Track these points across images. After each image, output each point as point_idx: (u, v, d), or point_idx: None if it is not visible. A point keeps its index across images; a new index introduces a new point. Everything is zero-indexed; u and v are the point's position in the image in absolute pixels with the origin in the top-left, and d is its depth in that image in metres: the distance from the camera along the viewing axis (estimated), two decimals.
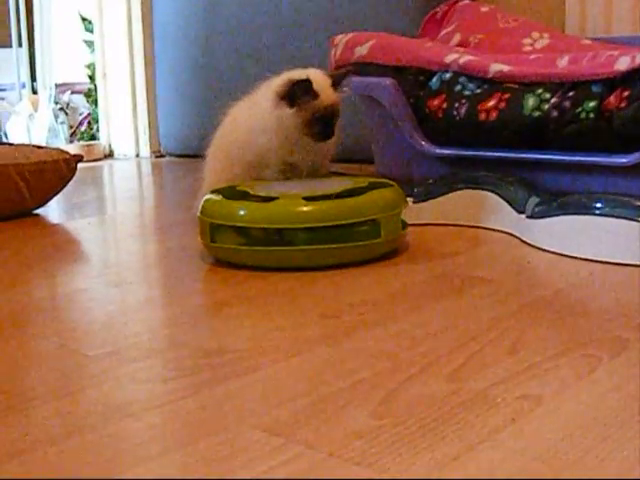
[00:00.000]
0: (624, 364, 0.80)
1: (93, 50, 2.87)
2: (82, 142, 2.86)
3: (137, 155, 2.74)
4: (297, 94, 1.29)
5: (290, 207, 1.21)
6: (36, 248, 1.45)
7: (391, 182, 1.30)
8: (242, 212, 1.21)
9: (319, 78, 1.32)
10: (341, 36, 1.73)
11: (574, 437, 0.64)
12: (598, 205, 1.19)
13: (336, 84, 1.33)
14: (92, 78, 2.92)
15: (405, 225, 1.29)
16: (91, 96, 2.93)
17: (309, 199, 1.20)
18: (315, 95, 1.29)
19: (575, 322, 0.94)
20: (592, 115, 1.38)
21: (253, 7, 2.42)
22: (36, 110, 2.92)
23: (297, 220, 1.20)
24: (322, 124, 1.30)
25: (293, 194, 1.23)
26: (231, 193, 1.27)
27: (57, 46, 3.11)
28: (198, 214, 1.26)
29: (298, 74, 1.32)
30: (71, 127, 2.91)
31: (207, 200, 1.26)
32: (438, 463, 0.61)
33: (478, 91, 1.53)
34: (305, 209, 1.20)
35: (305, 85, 1.29)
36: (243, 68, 2.45)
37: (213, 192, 1.29)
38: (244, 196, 1.26)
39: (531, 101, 1.45)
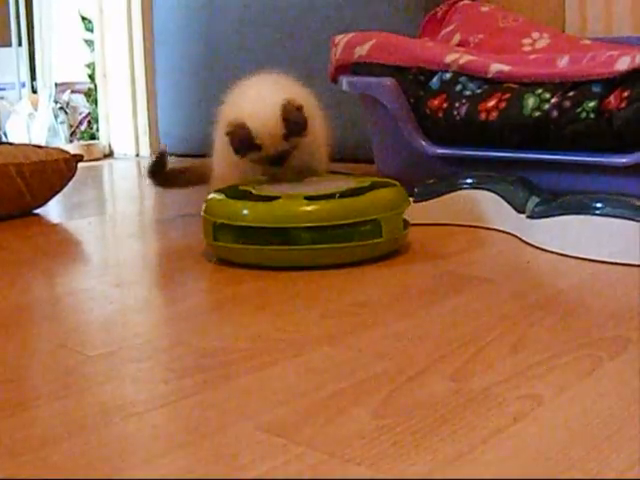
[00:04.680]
0: (625, 364, 0.80)
1: (93, 49, 2.87)
2: (82, 142, 2.85)
3: (137, 155, 2.74)
4: (238, 147, 1.27)
5: (292, 206, 1.21)
6: (36, 247, 1.45)
7: (394, 182, 1.30)
8: (245, 211, 1.21)
9: (266, 120, 1.24)
10: (342, 36, 1.73)
11: (575, 437, 0.64)
12: (598, 205, 1.19)
13: (290, 133, 1.25)
14: (92, 77, 2.92)
15: (407, 225, 1.29)
16: (91, 95, 2.92)
17: (311, 198, 1.21)
18: (257, 147, 1.27)
19: (576, 322, 0.94)
20: (592, 115, 1.38)
21: (254, 6, 2.42)
22: (36, 109, 2.91)
23: (299, 220, 1.20)
24: (270, 163, 1.29)
25: (295, 194, 1.23)
26: (234, 192, 1.27)
27: (57, 45, 3.11)
28: (201, 213, 1.26)
29: (239, 111, 1.28)
30: (71, 126, 2.91)
31: (210, 199, 1.27)
32: (440, 463, 0.61)
33: (478, 91, 1.54)
34: (307, 208, 1.20)
35: (244, 135, 1.25)
36: (244, 67, 2.45)
37: (216, 191, 1.29)
38: (247, 195, 1.26)
39: (531, 101, 1.45)
